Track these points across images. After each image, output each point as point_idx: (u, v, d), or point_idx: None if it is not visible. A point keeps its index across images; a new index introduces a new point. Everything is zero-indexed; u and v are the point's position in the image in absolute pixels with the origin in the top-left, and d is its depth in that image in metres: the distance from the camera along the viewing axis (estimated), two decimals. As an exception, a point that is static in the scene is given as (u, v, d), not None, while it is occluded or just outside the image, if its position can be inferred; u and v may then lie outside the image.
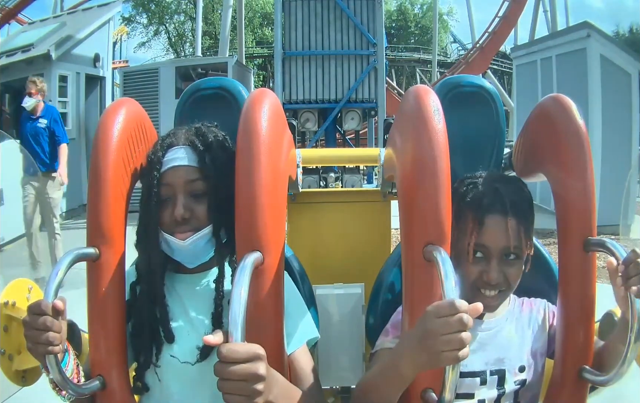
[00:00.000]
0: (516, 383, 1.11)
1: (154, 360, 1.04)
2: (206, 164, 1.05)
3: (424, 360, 0.83)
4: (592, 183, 1.04)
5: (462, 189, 1.12)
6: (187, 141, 1.08)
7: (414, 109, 0.97)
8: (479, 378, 1.10)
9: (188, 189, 1.05)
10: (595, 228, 1.04)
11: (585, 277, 1.04)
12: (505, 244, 1.07)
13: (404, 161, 1.00)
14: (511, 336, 1.14)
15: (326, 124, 8.41)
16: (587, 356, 1.04)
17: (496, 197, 1.08)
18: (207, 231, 1.05)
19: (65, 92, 8.78)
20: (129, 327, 1.04)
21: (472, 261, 1.08)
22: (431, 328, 0.80)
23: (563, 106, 1.08)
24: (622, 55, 7.21)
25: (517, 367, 1.12)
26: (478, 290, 1.09)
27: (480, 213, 1.08)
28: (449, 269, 0.84)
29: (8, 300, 1.27)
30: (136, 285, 1.07)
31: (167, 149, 1.07)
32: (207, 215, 1.05)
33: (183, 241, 1.03)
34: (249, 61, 23.80)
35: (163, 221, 1.05)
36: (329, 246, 1.73)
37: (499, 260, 1.08)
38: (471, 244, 1.07)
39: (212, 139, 1.09)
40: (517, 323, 1.16)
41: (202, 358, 1.03)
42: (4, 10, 12.16)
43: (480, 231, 1.07)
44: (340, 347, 1.51)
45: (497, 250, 1.07)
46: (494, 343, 1.12)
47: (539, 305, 1.20)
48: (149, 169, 1.06)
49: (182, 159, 1.06)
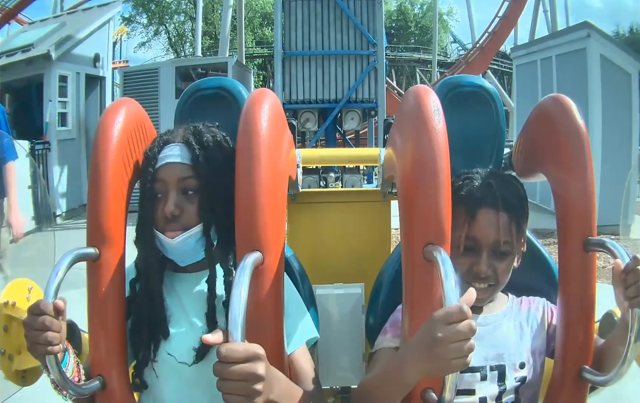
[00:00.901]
0: (517, 380, 1.11)
1: (151, 355, 1.05)
2: (199, 163, 1.05)
3: (432, 368, 0.82)
4: (592, 182, 1.04)
5: (458, 183, 1.13)
6: (183, 138, 1.08)
7: (414, 109, 0.97)
8: (478, 373, 1.10)
9: (180, 186, 1.05)
10: (595, 228, 1.04)
11: (585, 277, 1.04)
12: (495, 238, 1.08)
13: (404, 161, 0.99)
14: (509, 333, 1.14)
15: (326, 124, 8.41)
16: (587, 356, 1.04)
17: (488, 191, 1.10)
18: (196, 230, 1.04)
19: (65, 92, 8.78)
20: (128, 324, 1.05)
21: (463, 253, 1.09)
22: (441, 335, 0.78)
23: (563, 105, 1.08)
24: (622, 55, 7.21)
25: (517, 363, 1.12)
26: (467, 284, 1.09)
27: (472, 206, 1.09)
28: (449, 269, 0.84)
29: (8, 300, 1.27)
30: (136, 282, 1.07)
31: (164, 146, 1.08)
32: (198, 214, 1.05)
33: (172, 240, 1.03)
34: (249, 61, 23.80)
35: (156, 219, 1.05)
36: (329, 246, 1.72)
37: (489, 253, 1.09)
38: (462, 237, 1.08)
39: (209, 138, 1.09)
40: (515, 321, 1.16)
41: (199, 359, 1.03)
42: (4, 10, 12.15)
43: (471, 223, 1.08)
44: (340, 347, 1.51)
45: (487, 243, 1.08)
46: (493, 339, 1.12)
47: (538, 303, 1.20)
48: (144, 165, 1.07)
49: (176, 157, 1.06)
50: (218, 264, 1.07)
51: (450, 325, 0.78)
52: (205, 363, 1.02)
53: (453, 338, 0.78)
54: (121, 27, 25.83)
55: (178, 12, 29.37)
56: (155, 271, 1.07)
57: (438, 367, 0.81)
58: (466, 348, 0.78)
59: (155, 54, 31.12)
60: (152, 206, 1.05)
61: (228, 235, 1.02)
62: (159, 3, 28.28)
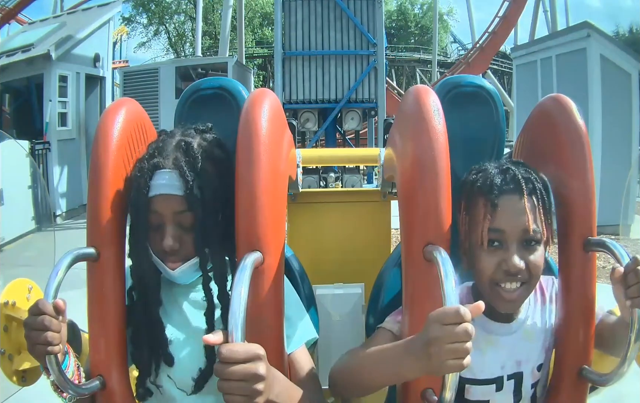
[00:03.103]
0: (532, 386, 1.07)
1: (152, 378, 1.05)
2: (193, 195, 1.00)
3: (428, 367, 0.81)
4: (592, 183, 1.04)
5: (472, 177, 1.05)
6: (174, 164, 1.02)
7: (414, 110, 0.97)
8: (494, 385, 1.05)
9: (177, 219, 1.02)
10: (595, 228, 1.04)
11: (585, 277, 1.04)
12: (523, 226, 0.97)
13: (404, 161, 0.99)
14: (528, 336, 1.08)
15: (326, 124, 8.41)
16: (587, 356, 1.04)
17: (509, 175, 1.00)
18: (195, 261, 1.04)
19: (65, 92, 8.78)
20: (129, 332, 1.05)
21: (487, 250, 0.99)
22: (436, 335, 0.77)
23: (563, 105, 1.08)
24: (622, 55, 7.20)
25: (535, 367, 1.07)
26: (497, 285, 1.00)
27: (493, 195, 0.98)
28: (449, 269, 0.84)
29: (8, 300, 1.27)
30: (132, 290, 1.06)
31: (154, 170, 1.02)
32: (195, 246, 1.03)
33: (173, 271, 1.03)
34: (249, 61, 23.80)
35: (153, 245, 1.03)
36: (329, 246, 1.72)
37: (518, 244, 0.98)
38: (484, 230, 0.98)
39: (202, 155, 1.04)
40: (535, 318, 1.09)
41: (197, 390, 1.04)
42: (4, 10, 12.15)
43: (494, 213, 0.98)
44: (340, 347, 1.50)
45: (515, 234, 0.97)
46: (512, 346, 1.06)
47: (548, 284, 1.13)
48: (135, 191, 1.01)
49: (170, 187, 1.01)
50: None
51: (446, 326, 0.77)
52: (204, 394, 1.03)
53: (448, 339, 0.77)
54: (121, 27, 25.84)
55: (178, 12, 29.37)
56: (153, 293, 1.05)
57: (433, 366, 0.80)
58: (462, 351, 0.77)
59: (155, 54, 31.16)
60: (146, 233, 1.03)
61: (222, 246, 1.04)
62: (159, 3, 28.28)
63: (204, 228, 1.02)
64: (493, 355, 1.06)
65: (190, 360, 1.05)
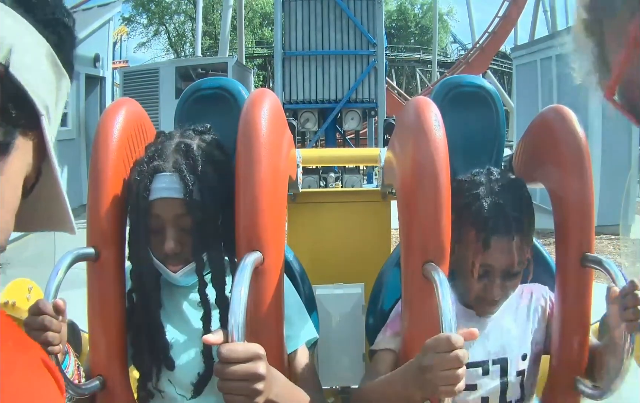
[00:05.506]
0: (518, 374, 1.12)
1: (153, 382, 1.05)
2: (193, 199, 1.00)
3: (423, 392, 0.86)
4: (591, 197, 1.05)
5: (463, 200, 1.09)
6: (174, 166, 1.01)
7: (414, 123, 0.98)
8: (480, 368, 1.11)
9: (177, 222, 1.02)
10: (593, 244, 1.06)
11: (581, 290, 1.06)
12: (510, 262, 1.07)
13: (404, 174, 1.01)
14: (510, 326, 1.15)
15: (326, 124, 8.41)
16: (582, 367, 1.07)
17: (500, 215, 1.06)
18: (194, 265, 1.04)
19: (65, 92, 8.77)
20: (129, 335, 1.05)
21: (476, 279, 1.09)
22: (429, 363, 0.83)
23: (564, 116, 1.09)
24: (622, 55, 7.19)
25: (520, 355, 1.13)
26: (479, 303, 1.12)
27: (486, 236, 1.06)
28: (446, 291, 0.86)
29: (8, 300, 1.27)
30: (132, 292, 1.06)
31: (154, 173, 1.01)
32: (192, 251, 1.03)
33: (175, 274, 1.03)
34: (249, 61, 23.78)
35: (154, 248, 1.03)
36: (329, 246, 1.72)
37: (502, 277, 1.08)
38: (476, 266, 1.07)
39: (202, 157, 1.03)
40: (516, 313, 1.17)
41: (196, 394, 1.04)
42: (4, 10, 12.15)
43: (484, 252, 1.07)
44: (340, 347, 1.51)
45: (500, 269, 1.07)
46: (495, 333, 1.14)
47: (539, 291, 1.20)
48: (135, 194, 1.01)
49: (170, 191, 1.00)
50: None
51: (439, 353, 0.82)
52: (204, 396, 1.03)
53: (440, 366, 0.81)
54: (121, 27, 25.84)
55: (178, 12, 29.36)
56: (153, 297, 1.05)
57: (427, 391, 0.85)
58: (453, 378, 0.81)
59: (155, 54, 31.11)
60: (147, 237, 1.03)
61: (222, 247, 1.05)
62: (159, 3, 28.27)
63: (203, 231, 1.02)
64: (477, 340, 1.09)
65: (190, 364, 1.05)
